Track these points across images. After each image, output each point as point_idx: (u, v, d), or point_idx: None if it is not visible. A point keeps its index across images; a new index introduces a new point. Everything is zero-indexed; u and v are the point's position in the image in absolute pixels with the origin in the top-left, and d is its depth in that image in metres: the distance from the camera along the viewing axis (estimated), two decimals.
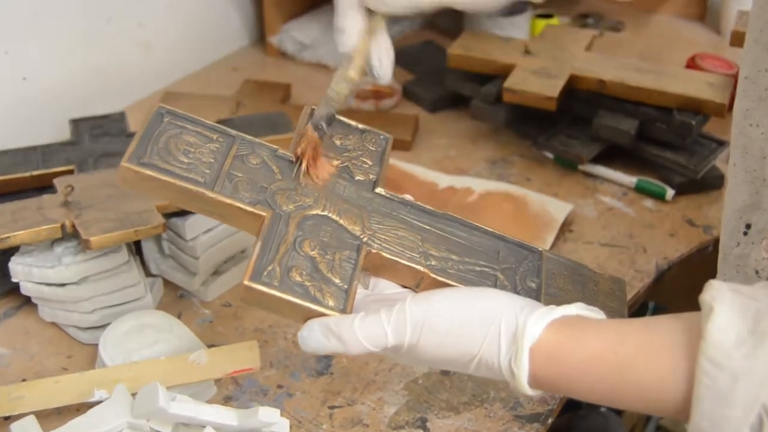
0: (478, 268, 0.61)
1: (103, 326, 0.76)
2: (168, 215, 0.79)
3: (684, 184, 0.99)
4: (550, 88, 0.98)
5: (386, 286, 0.60)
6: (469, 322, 0.53)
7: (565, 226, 0.94)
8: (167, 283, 0.85)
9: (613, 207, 0.98)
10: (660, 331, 0.51)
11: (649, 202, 0.99)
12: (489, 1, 0.61)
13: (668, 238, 0.94)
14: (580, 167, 1.03)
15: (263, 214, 0.58)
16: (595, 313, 0.54)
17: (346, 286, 0.56)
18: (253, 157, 0.61)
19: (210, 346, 0.74)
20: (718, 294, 0.49)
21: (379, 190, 0.63)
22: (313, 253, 0.56)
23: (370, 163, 0.65)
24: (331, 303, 0.54)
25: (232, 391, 0.74)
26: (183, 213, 0.80)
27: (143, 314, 0.75)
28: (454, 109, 1.16)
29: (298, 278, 0.54)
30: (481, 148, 1.09)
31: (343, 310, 0.54)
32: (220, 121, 0.96)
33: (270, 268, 0.54)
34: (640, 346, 0.50)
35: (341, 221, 0.60)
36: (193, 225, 0.80)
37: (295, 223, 0.58)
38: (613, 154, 1.02)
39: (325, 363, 0.77)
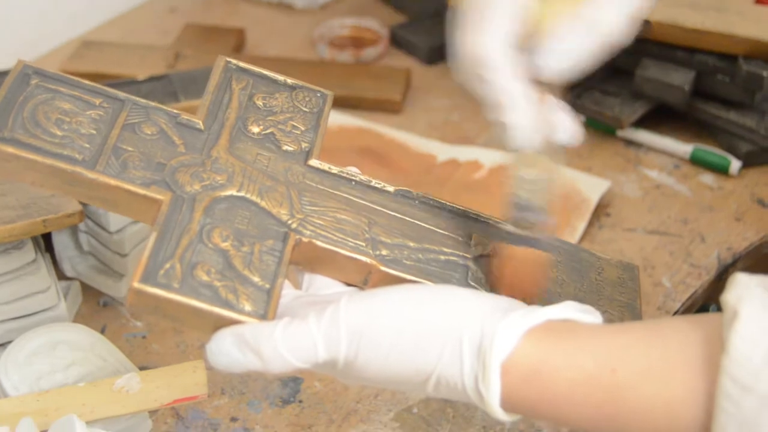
0: (443, 258, 0.62)
1: (4, 344, 0.76)
2: None
3: (753, 154, 1.00)
4: None
5: (324, 285, 0.60)
6: (421, 330, 0.53)
7: (601, 209, 0.95)
8: (86, 288, 0.85)
9: (661, 184, 0.99)
10: (671, 342, 0.51)
11: (708, 177, 1.00)
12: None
13: (733, 223, 0.94)
14: (619, 133, 1.03)
15: (160, 197, 0.58)
16: (589, 315, 0.54)
17: (267, 286, 0.55)
18: (147, 125, 0.61)
19: (143, 368, 0.74)
20: (745, 293, 0.48)
21: (313, 162, 0.63)
22: (226, 244, 0.56)
23: (303, 128, 0.65)
24: (247, 307, 0.54)
25: (173, 425, 0.74)
26: None
27: (55, 328, 0.75)
28: None
29: (205, 277, 0.54)
30: None
31: (263, 316, 0.54)
32: (154, 78, 0.95)
33: (168, 265, 0.54)
34: (645, 361, 0.50)
35: (263, 203, 0.59)
36: None
37: (202, 208, 0.58)
38: (661, 116, 1.02)
39: (292, 388, 0.77)
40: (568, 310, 0.53)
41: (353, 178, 0.63)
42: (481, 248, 0.63)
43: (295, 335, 0.53)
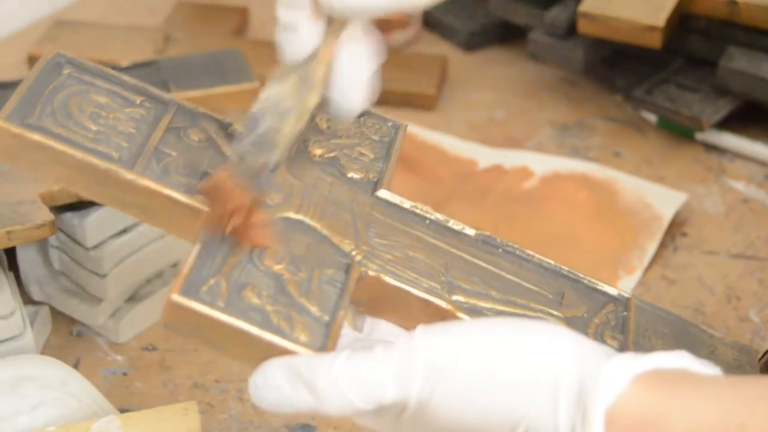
0: (531, 314, 0.63)
1: None
2: (59, 209, 0.80)
3: None
4: (653, 13, 0.99)
5: (389, 332, 0.61)
6: (510, 370, 0.53)
7: (676, 228, 0.95)
8: (57, 314, 0.85)
9: (749, 198, 0.99)
10: None
11: None
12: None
13: None
14: (699, 136, 1.03)
15: (205, 208, 0.59)
16: (705, 367, 0.55)
17: (326, 318, 0.56)
18: (194, 131, 0.63)
19: (124, 410, 0.74)
20: None
21: (383, 193, 0.65)
22: (279, 267, 0.58)
23: (372, 156, 0.67)
24: (302, 337, 0.55)
25: None
26: (82, 206, 0.81)
27: (20, 362, 0.75)
28: (503, 47, 1.17)
29: (256, 300, 0.56)
30: (545, 106, 1.09)
31: (321, 349, 0.55)
32: (139, 65, 0.96)
33: (213, 281, 0.56)
34: None
35: (324, 230, 0.61)
36: (99, 224, 0.81)
37: None
38: (750, 116, 1.02)
39: None
40: (682, 358, 0.54)
41: (428, 216, 0.65)
42: (575, 309, 0.64)
43: (360, 369, 0.53)
